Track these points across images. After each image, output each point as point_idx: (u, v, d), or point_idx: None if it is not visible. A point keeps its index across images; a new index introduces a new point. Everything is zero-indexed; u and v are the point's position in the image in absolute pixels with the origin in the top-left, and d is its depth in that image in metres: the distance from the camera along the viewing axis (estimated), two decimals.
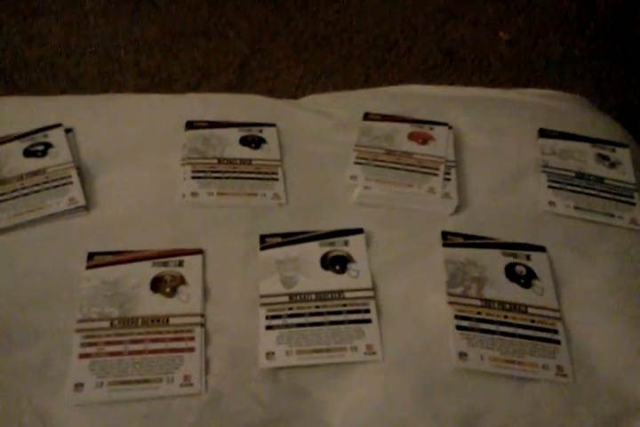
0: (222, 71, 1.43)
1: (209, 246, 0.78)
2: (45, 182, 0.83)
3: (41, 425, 0.62)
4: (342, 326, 0.71)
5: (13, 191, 0.81)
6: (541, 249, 0.80)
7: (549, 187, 0.89)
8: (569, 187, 0.89)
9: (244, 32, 1.52)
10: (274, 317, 0.72)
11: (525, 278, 0.77)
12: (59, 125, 0.91)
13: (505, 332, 0.71)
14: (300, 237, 0.80)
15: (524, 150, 0.95)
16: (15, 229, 0.78)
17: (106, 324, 0.69)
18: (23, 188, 0.82)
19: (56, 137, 0.89)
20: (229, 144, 0.93)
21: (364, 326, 0.71)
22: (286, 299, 0.73)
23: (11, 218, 0.78)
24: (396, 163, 0.92)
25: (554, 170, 0.92)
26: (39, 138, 0.89)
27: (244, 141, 0.94)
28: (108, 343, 0.67)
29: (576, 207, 0.87)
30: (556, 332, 0.72)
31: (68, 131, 0.91)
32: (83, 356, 0.66)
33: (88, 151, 0.89)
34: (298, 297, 0.74)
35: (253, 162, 0.91)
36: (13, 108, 0.97)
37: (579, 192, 0.89)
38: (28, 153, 0.87)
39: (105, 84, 1.34)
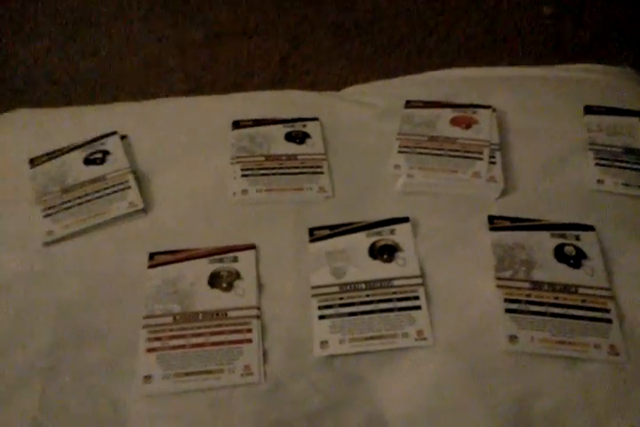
0: (265, 68, 1.45)
1: (261, 242, 0.82)
2: (106, 188, 0.88)
3: (115, 416, 0.67)
4: (392, 314, 0.73)
5: (77, 198, 0.87)
6: (590, 228, 0.80)
7: (597, 164, 0.88)
8: (617, 163, 0.88)
9: (282, 28, 1.54)
10: (326, 307, 0.74)
11: (575, 259, 0.77)
12: (114, 133, 0.96)
13: (555, 313, 0.72)
14: (348, 228, 0.82)
15: (570, 129, 0.94)
16: (80, 234, 0.83)
17: (169, 319, 0.73)
18: (86, 194, 0.87)
19: (112, 144, 0.94)
20: (275, 141, 0.96)
21: (413, 313, 0.73)
22: (337, 289, 0.76)
23: (76, 224, 0.83)
24: (439, 149, 0.92)
25: (601, 147, 0.91)
26: (97, 146, 0.94)
27: (289, 137, 0.96)
28: (172, 337, 0.71)
29: (625, 184, 0.85)
30: (607, 311, 0.72)
31: (122, 137, 0.96)
32: (150, 350, 0.71)
33: (142, 156, 0.94)
34: (348, 287, 0.76)
35: (299, 157, 0.93)
36: (71, 119, 1.03)
37: (628, 168, 0.87)
38: (88, 161, 0.92)
39: (153, 88, 1.39)
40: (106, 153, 0.93)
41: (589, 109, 0.96)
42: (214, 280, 0.77)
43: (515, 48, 1.51)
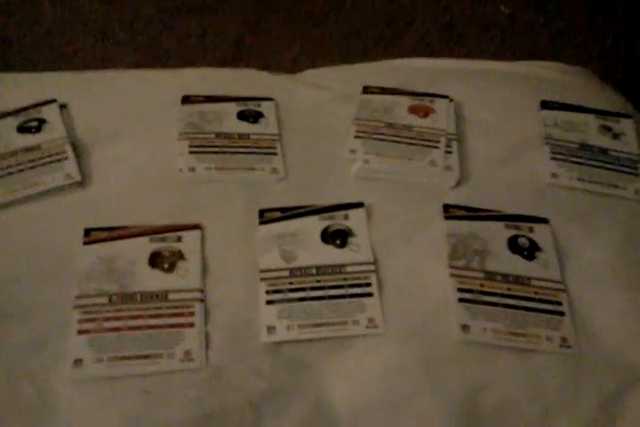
0: (217, 48, 1.41)
1: (207, 222, 0.77)
2: (40, 158, 0.81)
3: (41, 402, 0.62)
4: (343, 300, 0.70)
5: (8, 167, 0.80)
6: (544, 221, 0.79)
7: (552, 159, 0.88)
8: (572, 158, 0.88)
9: (239, 8, 1.49)
10: (274, 291, 0.71)
11: (528, 250, 0.76)
12: (53, 101, 0.89)
13: (508, 304, 0.70)
14: (300, 211, 0.79)
15: (527, 123, 0.94)
16: (11, 205, 0.77)
17: (104, 300, 0.68)
18: (18, 164, 0.80)
19: (50, 113, 0.87)
20: (227, 119, 0.91)
21: (365, 300, 0.70)
22: (286, 273, 0.72)
23: (6, 194, 0.77)
24: (396, 136, 0.90)
25: (557, 142, 0.90)
26: (33, 114, 0.87)
27: (242, 116, 0.92)
28: (107, 319, 0.66)
29: (579, 179, 0.85)
30: (559, 303, 0.71)
31: (62, 107, 0.89)
32: (81, 332, 0.65)
33: (83, 127, 0.88)
34: (298, 272, 0.73)
35: (251, 136, 0.89)
36: (6, 86, 0.96)
37: (582, 164, 0.87)
38: (22, 129, 0.85)
39: (100, 61, 1.32)
40: (42, 121, 0.86)
41: (546, 104, 0.96)
42: (155, 260, 0.72)
43: (472, 44, 1.52)
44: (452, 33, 1.57)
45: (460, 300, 0.70)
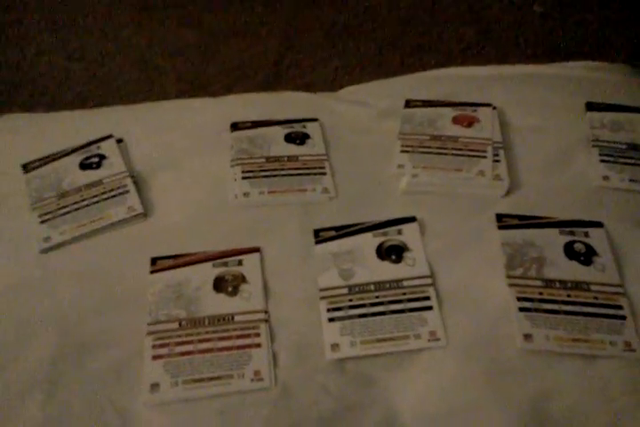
0: (257, 70, 1.44)
1: (265, 244, 0.80)
2: (103, 193, 0.85)
3: (123, 426, 0.65)
4: (404, 315, 0.71)
5: (74, 204, 0.84)
6: (599, 225, 0.79)
7: (602, 161, 0.88)
8: (622, 160, 0.88)
9: (275, 29, 1.52)
10: (335, 309, 0.73)
11: (585, 256, 0.76)
12: (110, 137, 0.94)
13: (568, 311, 0.71)
14: (354, 229, 0.81)
15: (573, 126, 0.94)
16: (79, 239, 0.81)
17: (174, 325, 0.71)
18: (83, 199, 0.85)
19: (109, 148, 0.92)
20: (275, 142, 0.94)
21: (425, 314, 0.71)
22: (345, 291, 0.74)
23: (74, 229, 0.81)
24: (442, 148, 0.91)
25: (605, 143, 0.90)
26: (93, 150, 0.92)
27: (289, 138, 0.95)
28: (179, 344, 0.69)
29: (631, 180, 0.85)
30: (620, 307, 0.71)
31: (119, 141, 0.94)
32: (156, 357, 0.69)
33: (140, 160, 0.92)
34: (357, 288, 0.74)
35: (300, 158, 0.92)
36: (64, 123, 1.01)
37: (632, 164, 0.87)
38: (84, 166, 0.90)
39: (146, 91, 1.37)
40: (102, 157, 0.91)
41: (591, 106, 0.96)
42: (219, 284, 0.75)
43: (507, 47, 1.51)
44: (488, 37, 1.56)
45: (521, 309, 0.70)
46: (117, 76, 1.42)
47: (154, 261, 0.78)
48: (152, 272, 0.76)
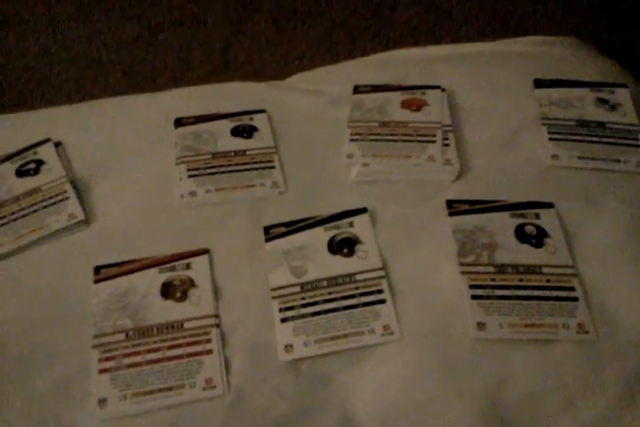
0: (205, 59, 1.40)
1: (214, 245, 0.78)
2: (42, 201, 0.82)
3: None
4: (357, 310, 0.70)
5: (12, 214, 0.81)
6: (550, 206, 0.78)
7: (551, 139, 0.87)
8: (571, 137, 0.87)
9: (221, 15, 1.48)
10: (287, 308, 0.71)
11: (536, 238, 0.75)
12: (47, 141, 0.90)
13: (521, 295, 0.70)
14: (304, 223, 0.79)
15: (522, 104, 0.93)
16: (19, 251, 0.78)
17: (121, 336, 0.69)
18: (21, 209, 0.81)
19: (46, 153, 0.88)
20: (221, 137, 0.91)
21: (378, 307, 0.70)
22: (298, 289, 0.73)
23: (12, 241, 0.78)
24: (391, 134, 0.90)
25: (553, 121, 0.89)
26: (29, 156, 0.88)
27: (236, 132, 0.92)
28: (126, 355, 0.67)
29: (580, 157, 0.84)
30: (572, 289, 0.71)
31: (57, 145, 0.90)
32: (102, 371, 0.66)
33: (80, 163, 0.89)
34: (309, 286, 0.73)
35: (248, 152, 0.89)
36: None
37: (581, 141, 0.86)
38: (21, 173, 0.86)
39: (89, 88, 1.32)
40: (40, 162, 0.87)
41: (539, 83, 0.95)
42: (167, 290, 0.73)
43: (459, 23, 1.49)
44: (438, 13, 1.54)
45: (473, 297, 0.70)
46: (60, 73, 1.37)
47: (97, 269, 0.75)
48: (96, 282, 0.74)
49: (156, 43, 1.43)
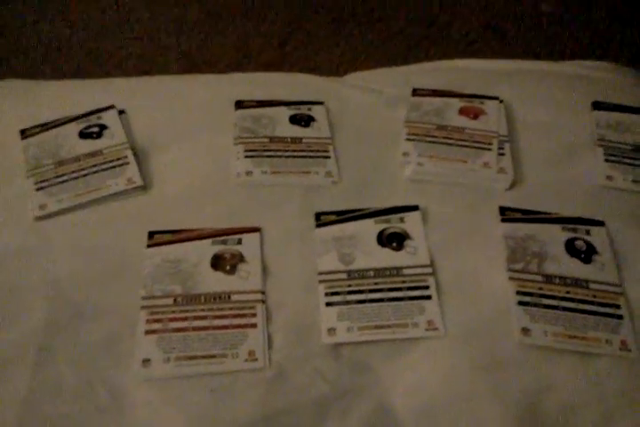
0: (261, 51, 1.42)
1: (265, 225, 0.79)
2: (103, 163, 0.84)
3: (113, 401, 0.64)
4: (402, 303, 0.71)
5: (72, 173, 0.82)
6: (601, 224, 0.79)
7: (606, 160, 0.87)
8: (626, 160, 0.87)
9: (282, 11, 1.51)
10: (333, 293, 0.72)
11: (586, 253, 0.76)
12: (112, 107, 0.92)
13: (567, 307, 0.70)
14: (355, 214, 0.80)
15: (579, 124, 0.93)
16: (76, 209, 0.79)
17: (169, 301, 0.70)
18: (81, 169, 0.83)
19: (110, 119, 0.90)
20: (279, 123, 0.93)
21: (424, 303, 0.71)
22: (345, 276, 0.73)
23: (71, 199, 0.79)
24: (447, 138, 0.91)
25: (610, 143, 0.90)
26: (93, 120, 0.90)
27: (294, 120, 0.93)
28: (173, 320, 0.68)
29: (634, 181, 0.85)
30: (618, 307, 0.71)
31: (120, 112, 0.92)
32: (149, 332, 0.67)
33: (142, 132, 0.90)
34: (356, 274, 0.74)
35: (304, 140, 0.90)
36: (65, 92, 0.99)
37: (637, 165, 0.87)
38: (84, 135, 0.88)
39: (148, 66, 1.35)
40: (103, 127, 0.89)
41: (598, 105, 0.96)
42: (217, 262, 0.74)
43: (514, 44, 1.51)
44: (495, 31, 1.56)
45: (520, 303, 0.70)
46: (119, 50, 1.39)
47: (151, 235, 0.76)
48: (149, 246, 0.75)
49: (215, 30, 1.45)
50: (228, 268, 0.73)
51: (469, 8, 1.59)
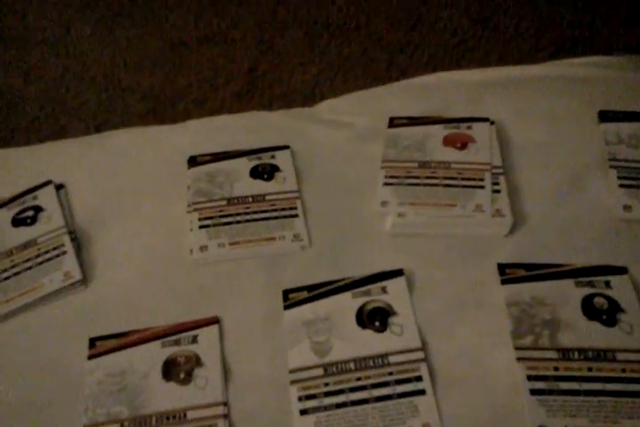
0: (231, 79, 1.30)
1: (225, 312, 0.68)
2: (37, 256, 0.73)
3: None
4: (391, 402, 0.59)
5: (3, 271, 0.72)
6: (622, 271, 0.66)
7: (621, 186, 0.74)
8: None
9: (250, 32, 1.39)
10: (308, 397, 0.60)
11: (608, 313, 0.63)
12: (49, 183, 0.82)
13: (591, 390, 0.58)
14: (330, 287, 0.68)
15: (584, 141, 0.81)
16: (7, 317, 0.69)
17: None
18: (13, 266, 0.73)
19: (46, 198, 0.80)
20: (239, 178, 0.82)
21: (416, 400, 0.59)
22: (321, 372, 0.62)
23: (2, 305, 0.69)
24: (432, 178, 0.78)
25: (623, 163, 0.76)
26: (28, 201, 0.80)
27: (255, 173, 0.82)
28: None
29: None
30: None
31: (59, 187, 0.82)
32: None
33: (83, 208, 0.81)
34: (334, 368, 0.62)
35: (267, 197, 0.79)
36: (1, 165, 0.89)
37: None
38: (17, 222, 0.78)
39: (107, 112, 1.24)
40: (38, 209, 0.79)
41: (605, 116, 0.82)
42: (169, 370, 0.63)
43: (509, 37, 1.36)
44: (485, 25, 1.42)
45: (532, 392, 0.58)
46: (77, 96, 1.29)
47: (92, 342, 0.66)
48: (90, 357, 0.64)
49: (180, 62, 1.34)
50: (182, 376, 0.62)
51: (455, 2, 1.45)
